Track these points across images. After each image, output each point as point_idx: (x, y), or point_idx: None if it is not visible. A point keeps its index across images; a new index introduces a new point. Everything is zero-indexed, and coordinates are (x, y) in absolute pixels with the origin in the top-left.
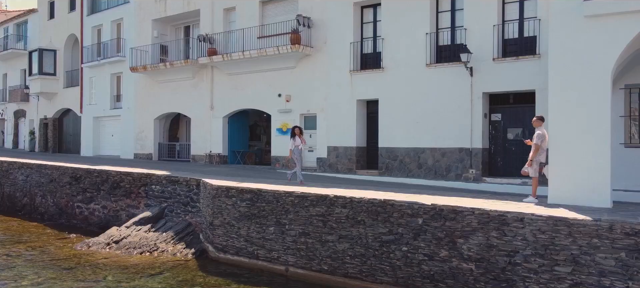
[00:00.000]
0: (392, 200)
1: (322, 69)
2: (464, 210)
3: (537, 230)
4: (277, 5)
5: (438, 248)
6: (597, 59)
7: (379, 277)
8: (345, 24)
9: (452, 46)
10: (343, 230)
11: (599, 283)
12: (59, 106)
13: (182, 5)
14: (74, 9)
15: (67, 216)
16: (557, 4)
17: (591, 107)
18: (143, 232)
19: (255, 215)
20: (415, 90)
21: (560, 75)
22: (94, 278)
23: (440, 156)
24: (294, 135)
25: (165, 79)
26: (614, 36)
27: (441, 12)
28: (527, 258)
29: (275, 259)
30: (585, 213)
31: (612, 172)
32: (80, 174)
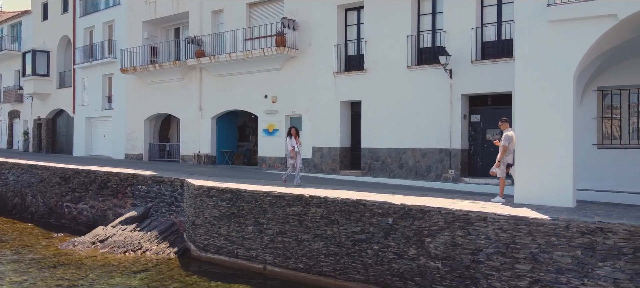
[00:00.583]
0: (364, 200)
1: (307, 71)
2: (431, 210)
3: (499, 229)
4: (264, 7)
5: (407, 247)
6: (560, 62)
7: (351, 275)
8: (330, 26)
9: (432, 48)
10: (318, 229)
11: (556, 280)
12: (52, 107)
13: (172, 7)
14: (66, 11)
15: (56, 216)
16: (522, 9)
17: (555, 110)
18: (128, 231)
19: (234, 215)
20: (396, 91)
21: (525, 79)
22: (76, 276)
23: (420, 157)
24: (291, 135)
25: (155, 80)
26: (576, 40)
27: (422, 15)
28: (490, 256)
29: (254, 258)
30: (547, 213)
31: (585, 172)
32: (69, 174)
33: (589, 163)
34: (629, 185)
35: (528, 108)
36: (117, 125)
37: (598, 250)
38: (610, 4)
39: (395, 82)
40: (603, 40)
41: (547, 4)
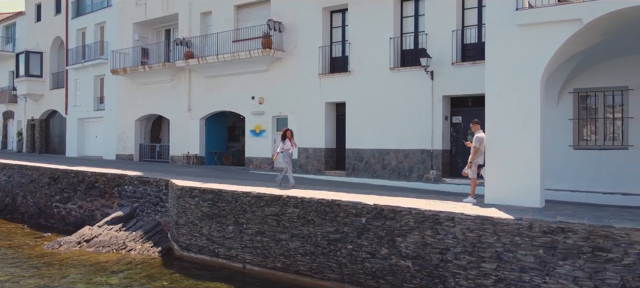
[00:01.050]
0: (338, 201)
1: (293, 72)
2: (402, 210)
3: (466, 229)
4: (252, 9)
5: (379, 246)
6: (528, 65)
7: (327, 274)
8: (315, 28)
9: (415, 50)
10: (295, 229)
11: (520, 278)
12: (46, 107)
13: (162, 9)
14: (59, 12)
15: (45, 216)
16: (492, 13)
17: (523, 112)
18: (114, 231)
19: (216, 215)
20: (380, 93)
21: (495, 81)
22: (58, 275)
23: (403, 157)
24: (285, 137)
25: (145, 81)
26: (543, 44)
27: (405, 17)
28: (457, 255)
29: (234, 257)
30: (513, 213)
31: (562, 173)
32: (58, 175)
33: (566, 164)
34: (604, 185)
35: (498, 110)
36: (109, 126)
37: (559, 249)
38: (575, 9)
39: (378, 84)
40: (570, 44)
41: (515, 8)
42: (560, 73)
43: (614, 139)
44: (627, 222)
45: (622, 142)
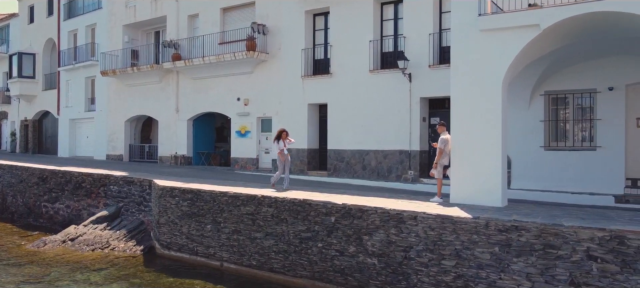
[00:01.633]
0: (310, 200)
1: (277, 74)
2: (368, 210)
3: (428, 227)
4: (237, 12)
5: (347, 244)
6: (491, 69)
7: (299, 271)
8: (298, 31)
9: (394, 53)
10: (269, 227)
11: (477, 275)
12: (38, 108)
13: (150, 11)
14: (51, 14)
15: (34, 215)
16: (456, 18)
17: (486, 115)
18: (98, 230)
19: (195, 214)
20: (360, 95)
21: (460, 85)
22: (41, 273)
23: (382, 158)
24: (280, 138)
25: (134, 82)
26: (504, 49)
27: (385, 20)
28: (420, 253)
29: (212, 255)
30: (474, 212)
31: (533, 173)
32: (47, 175)
33: (537, 164)
34: (573, 185)
35: (462, 113)
36: (99, 127)
37: (513, 247)
38: (533, 15)
39: (358, 86)
40: (531, 48)
41: (478, 14)
42: (531, 76)
43: (582, 140)
44: (578, 220)
45: (591, 143)
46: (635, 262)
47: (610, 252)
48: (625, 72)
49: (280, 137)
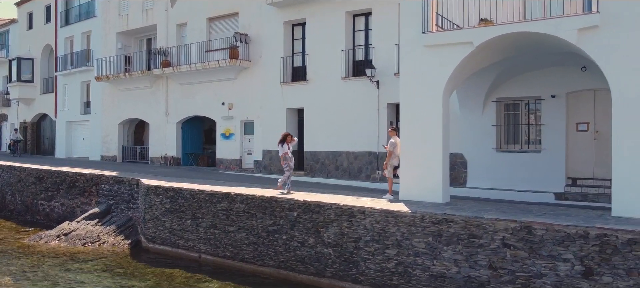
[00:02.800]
0: (275, 197)
1: (258, 80)
2: (325, 205)
3: (374, 220)
4: (222, 21)
5: (307, 236)
6: (433, 80)
7: (266, 261)
8: (277, 41)
9: (365, 61)
10: (241, 222)
11: (414, 262)
12: (37, 111)
13: (142, 19)
14: (49, 21)
15: (31, 213)
16: (404, 35)
17: (429, 120)
18: (90, 226)
19: (176, 210)
20: (333, 100)
21: (407, 93)
22: (37, 264)
23: (353, 159)
24: (284, 141)
25: (127, 87)
26: (444, 62)
27: (357, 31)
28: (367, 243)
29: (191, 248)
30: (415, 207)
31: (486, 173)
32: (43, 175)
33: (490, 165)
34: (522, 184)
35: (409, 118)
36: (94, 129)
37: (444, 237)
38: (467, 33)
39: (332, 92)
40: (470, 62)
41: (422, 32)
42: (484, 84)
43: (530, 143)
44: (497, 213)
45: (536, 146)
46: (540, 249)
47: (520, 240)
48: (565, 81)
49: (285, 140)
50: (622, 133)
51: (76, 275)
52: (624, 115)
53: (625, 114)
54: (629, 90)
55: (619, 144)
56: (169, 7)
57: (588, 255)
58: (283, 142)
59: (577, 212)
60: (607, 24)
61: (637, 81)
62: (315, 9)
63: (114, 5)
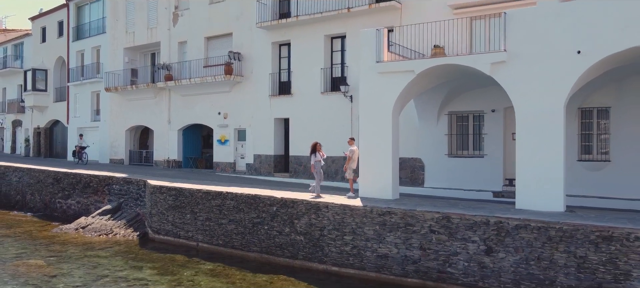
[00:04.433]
0: (259, 195)
1: (250, 93)
2: (297, 201)
3: (335, 213)
4: (218, 40)
5: (284, 226)
6: (384, 100)
7: (252, 248)
8: (266, 59)
9: (341, 78)
10: (231, 215)
11: (366, 245)
12: (50, 117)
13: (147, 37)
14: (62, 35)
15: (50, 210)
16: (363, 63)
17: (381, 133)
18: (104, 220)
19: (178, 206)
20: (314, 111)
21: (365, 110)
22: (61, 250)
23: (331, 163)
24: (315, 151)
25: (133, 97)
26: (393, 86)
27: (334, 51)
28: (330, 231)
29: (190, 237)
30: (367, 203)
31: (440, 175)
32: (60, 176)
33: (443, 168)
34: (468, 184)
35: (366, 130)
36: (103, 135)
37: (387, 226)
38: (409, 64)
39: (312, 104)
40: (415, 85)
41: (376, 61)
42: (437, 100)
43: (475, 150)
44: (428, 206)
45: (480, 152)
46: (456, 233)
47: (442, 227)
48: (503, 98)
49: (315, 150)
50: (522, 142)
51: (96, 259)
52: (523, 129)
53: (524, 127)
54: (526, 109)
55: (521, 150)
56: (171, 27)
57: (489, 237)
58: (314, 152)
59: (493, 205)
60: (512, 59)
61: (531, 103)
62: (299, 31)
63: (122, 23)
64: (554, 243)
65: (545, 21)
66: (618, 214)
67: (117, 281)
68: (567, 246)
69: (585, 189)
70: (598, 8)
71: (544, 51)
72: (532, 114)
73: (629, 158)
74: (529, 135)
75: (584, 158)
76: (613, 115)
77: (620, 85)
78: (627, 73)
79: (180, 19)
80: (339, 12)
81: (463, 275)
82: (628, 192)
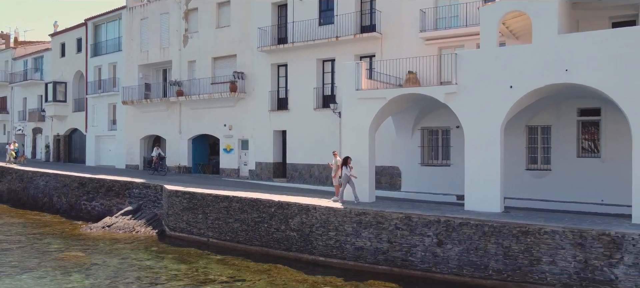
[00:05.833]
0: (260, 198)
1: (251, 108)
2: (291, 204)
3: (321, 214)
4: (224, 61)
5: (280, 224)
6: (362, 121)
7: (254, 242)
8: (266, 78)
9: (331, 96)
10: (237, 215)
11: (345, 240)
12: (69, 126)
13: (159, 55)
14: (80, 51)
15: (75, 210)
16: (346, 91)
17: (360, 147)
18: (126, 219)
19: (191, 208)
20: (308, 125)
21: (346, 128)
22: (94, 245)
23: (322, 169)
24: (345, 164)
25: (147, 110)
26: (369, 110)
27: (325, 72)
28: (317, 228)
29: (202, 234)
30: (348, 205)
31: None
32: (85, 181)
33: (417, 175)
34: (437, 189)
35: (348, 144)
36: (119, 142)
37: (363, 224)
38: (382, 92)
39: (307, 119)
40: (385, 110)
41: (356, 89)
42: (411, 117)
43: (443, 159)
44: (395, 208)
45: (447, 162)
46: (415, 229)
47: (405, 224)
48: None
49: (346, 163)
50: (469, 156)
51: (124, 252)
52: (470, 145)
53: (471, 144)
54: (472, 130)
55: (468, 162)
56: (182, 47)
57: (440, 233)
58: (345, 165)
59: (450, 207)
60: (461, 91)
61: (476, 125)
62: (294, 55)
63: (137, 43)
64: (487, 236)
65: (486, 62)
66: (547, 214)
67: (145, 269)
68: (497, 239)
69: (531, 194)
70: (525, 54)
71: (485, 85)
72: (476, 134)
73: (565, 167)
74: (474, 151)
75: (530, 168)
76: (553, 132)
77: (559, 107)
78: (564, 97)
79: (190, 41)
80: (329, 40)
81: (420, 263)
82: (564, 195)
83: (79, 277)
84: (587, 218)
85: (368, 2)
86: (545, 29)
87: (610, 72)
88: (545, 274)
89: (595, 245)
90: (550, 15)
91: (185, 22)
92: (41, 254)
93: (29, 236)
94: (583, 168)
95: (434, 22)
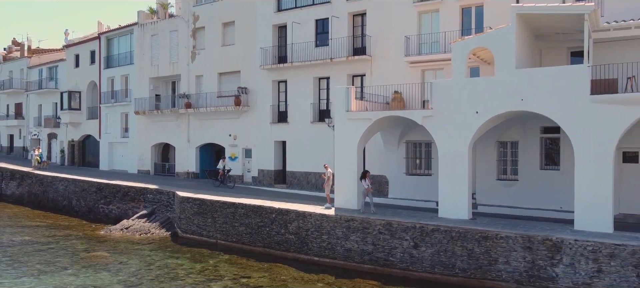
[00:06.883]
0: (262, 205)
1: (254, 120)
2: (290, 210)
3: (316, 219)
4: (229, 76)
5: (280, 228)
6: (351, 136)
7: (257, 243)
8: (267, 93)
9: (326, 111)
10: (242, 220)
11: (336, 242)
12: (83, 132)
13: (169, 69)
14: (93, 63)
15: (93, 213)
16: (337, 112)
17: (349, 158)
18: (142, 222)
19: (201, 212)
20: (306, 137)
21: (338, 142)
22: (115, 246)
23: (318, 177)
24: (364, 177)
25: (158, 120)
26: (357, 128)
27: (321, 89)
28: (312, 232)
29: (211, 236)
30: (339, 212)
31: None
32: (103, 186)
33: (403, 183)
34: (420, 196)
35: (339, 158)
36: (131, 149)
37: (351, 229)
38: (368, 114)
39: (304, 131)
40: (371, 129)
41: (346, 110)
42: (396, 132)
43: (426, 169)
44: (379, 216)
45: (429, 171)
46: (395, 234)
47: (387, 229)
48: None
49: (364, 177)
50: (442, 170)
51: (143, 252)
52: (443, 161)
53: (443, 160)
54: (445, 148)
55: (441, 175)
56: (190, 62)
57: (416, 237)
58: (363, 178)
59: (426, 213)
60: (436, 114)
61: (448, 144)
62: (293, 73)
63: (147, 57)
64: (454, 240)
65: (456, 90)
66: (512, 220)
67: (163, 267)
68: (462, 242)
69: (502, 201)
70: (488, 84)
71: (455, 110)
72: (448, 152)
73: (530, 178)
74: (446, 165)
75: (501, 178)
76: (520, 147)
77: (525, 125)
78: (529, 117)
79: (197, 57)
80: (324, 61)
81: (400, 262)
82: (529, 203)
83: (108, 275)
84: (540, 224)
85: (360, 27)
86: (505, 64)
87: (556, 102)
88: (501, 272)
89: (541, 248)
90: (509, 53)
91: (193, 39)
92: (71, 254)
93: (56, 237)
94: (545, 179)
95: (417, 47)
